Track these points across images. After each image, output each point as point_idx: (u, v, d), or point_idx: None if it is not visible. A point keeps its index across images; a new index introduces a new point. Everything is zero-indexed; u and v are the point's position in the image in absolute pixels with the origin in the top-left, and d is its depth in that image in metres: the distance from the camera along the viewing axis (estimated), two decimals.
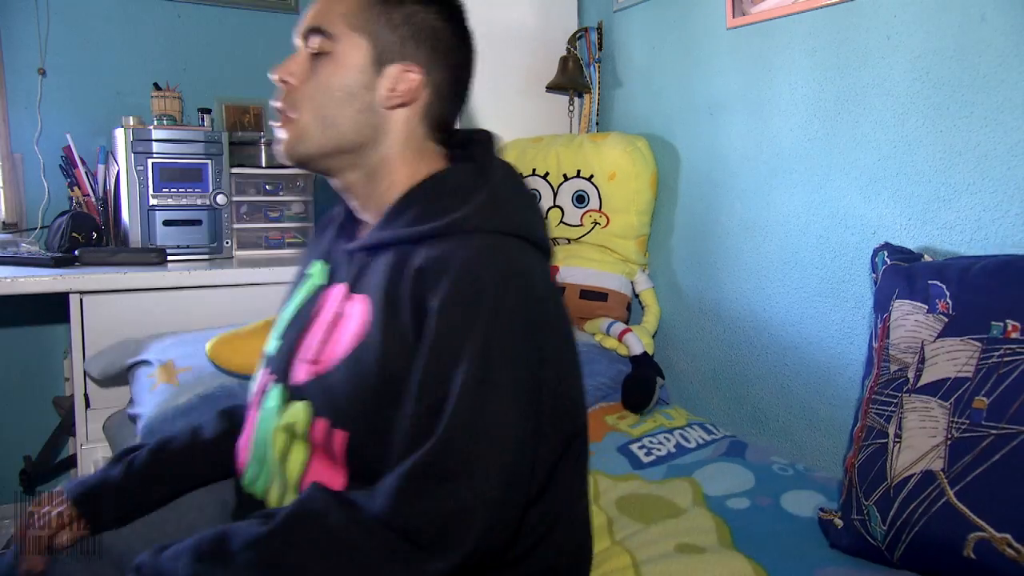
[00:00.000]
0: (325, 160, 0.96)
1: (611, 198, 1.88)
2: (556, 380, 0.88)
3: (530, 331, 0.84)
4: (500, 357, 0.81)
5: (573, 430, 0.94)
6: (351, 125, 0.93)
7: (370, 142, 0.94)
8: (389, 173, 0.96)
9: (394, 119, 0.94)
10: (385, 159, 0.95)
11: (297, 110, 0.93)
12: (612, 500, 1.35)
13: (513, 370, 0.82)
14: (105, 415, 1.82)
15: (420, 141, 0.97)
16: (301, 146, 0.95)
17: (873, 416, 1.12)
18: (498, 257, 0.86)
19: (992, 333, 1.01)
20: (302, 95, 0.93)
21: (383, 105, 0.93)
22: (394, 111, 0.94)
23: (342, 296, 0.97)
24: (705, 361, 1.82)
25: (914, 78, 1.30)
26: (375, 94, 0.93)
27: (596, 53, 2.09)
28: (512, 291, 0.83)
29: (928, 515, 0.99)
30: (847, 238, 1.43)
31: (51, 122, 2.23)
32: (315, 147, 0.94)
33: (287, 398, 0.95)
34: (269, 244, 2.25)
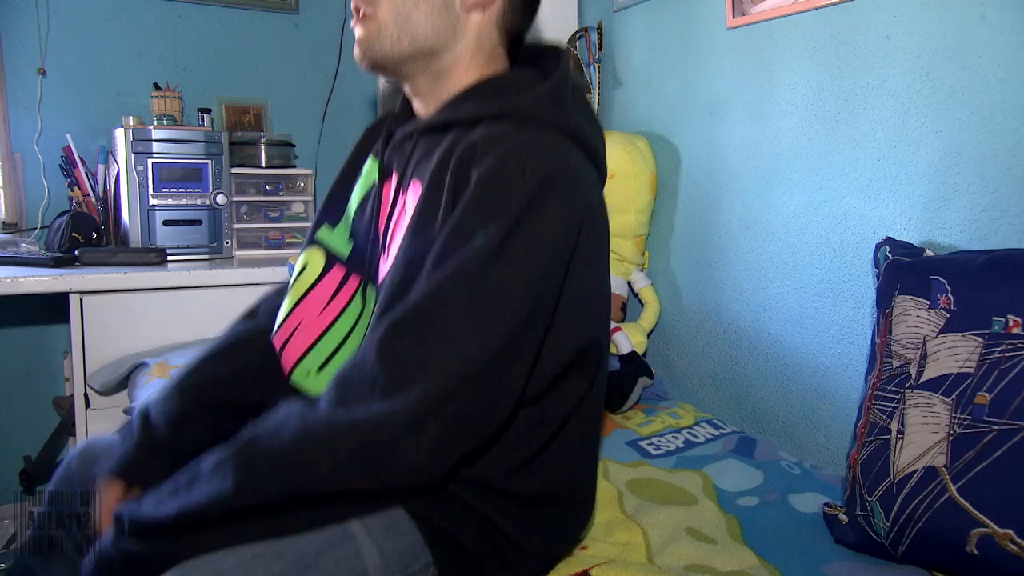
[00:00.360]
0: (400, 65, 0.96)
1: (610, 198, 1.87)
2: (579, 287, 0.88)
3: (564, 229, 0.83)
4: (524, 240, 0.80)
5: (586, 344, 0.93)
6: (428, 24, 0.93)
7: (445, 44, 0.95)
8: (458, 75, 0.97)
9: (470, 22, 0.95)
10: (457, 61, 0.96)
11: (374, 4, 0.93)
12: (622, 481, 1.36)
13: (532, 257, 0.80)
14: (105, 415, 1.82)
15: (492, 47, 0.97)
16: (378, 45, 0.95)
17: (876, 412, 1.13)
18: (545, 146, 0.85)
19: (994, 328, 1.01)
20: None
21: (461, 6, 0.94)
22: (471, 14, 0.94)
23: (395, 186, 0.98)
24: (705, 361, 1.82)
25: (914, 78, 1.30)
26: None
27: (596, 53, 2.09)
28: (557, 183, 0.83)
29: (931, 511, 1.00)
30: (847, 238, 1.44)
31: (51, 122, 2.23)
32: (392, 48, 0.94)
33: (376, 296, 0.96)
34: (269, 244, 2.26)
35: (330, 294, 1.02)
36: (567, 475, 0.97)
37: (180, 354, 1.68)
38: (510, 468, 0.91)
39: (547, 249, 0.82)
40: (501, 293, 0.79)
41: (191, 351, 1.68)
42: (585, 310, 0.93)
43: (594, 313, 0.95)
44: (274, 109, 2.52)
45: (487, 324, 0.78)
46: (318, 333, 1.00)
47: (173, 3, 2.37)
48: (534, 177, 0.81)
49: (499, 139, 0.85)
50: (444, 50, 0.95)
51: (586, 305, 0.92)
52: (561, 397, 0.93)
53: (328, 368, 0.98)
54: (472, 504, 0.90)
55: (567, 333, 0.90)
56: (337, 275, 1.04)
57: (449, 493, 0.90)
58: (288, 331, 1.02)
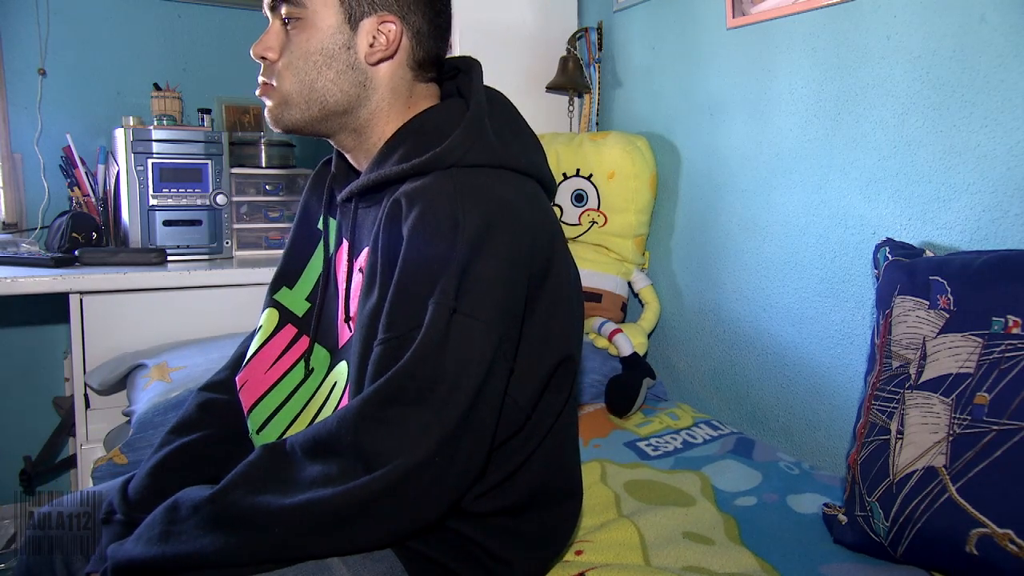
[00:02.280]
0: (314, 125, 0.95)
1: (610, 197, 1.89)
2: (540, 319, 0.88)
3: (507, 262, 0.82)
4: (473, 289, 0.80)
5: (557, 361, 0.92)
6: (335, 87, 0.92)
7: (358, 101, 0.94)
8: (380, 125, 0.96)
9: (379, 74, 0.93)
10: (374, 113, 0.95)
11: (279, 79, 0.93)
12: (620, 483, 1.36)
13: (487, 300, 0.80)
14: (105, 415, 1.82)
15: (408, 87, 0.96)
16: (287, 114, 0.94)
17: (875, 412, 1.13)
18: (473, 188, 0.84)
19: (993, 329, 1.01)
20: (282, 65, 0.92)
21: (366, 62, 0.92)
22: (378, 66, 0.93)
23: (347, 253, 0.98)
24: (705, 361, 1.82)
25: (914, 78, 1.30)
26: (355, 52, 0.92)
27: (596, 53, 2.09)
28: (488, 221, 0.82)
29: (930, 511, 1.00)
30: (847, 238, 1.44)
31: (51, 122, 2.23)
32: (301, 114, 0.94)
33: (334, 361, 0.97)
34: (269, 244, 2.25)
35: (277, 354, 1.03)
36: (546, 483, 0.96)
37: (179, 355, 1.68)
38: (482, 492, 0.90)
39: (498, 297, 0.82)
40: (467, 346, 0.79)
41: (190, 351, 1.69)
42: (558, 330, 0.91)
43: (563, 332, 0.93)
44: None
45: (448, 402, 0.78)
46: (262, 391, 1.01)
47: (173, 3, 2.37)
48: (468, 227, 0.80)
49: (421, 192, 0.84)
50: (358, 106, 0.94)
51: (551, 332, 0.91)
52: (538, 419, 0.93)
53: (268, 429, 0.99)
54: (448, 524, 0.89)
55: (537, 364, 0.90)
56: (288, 335, 1.05)
57: None
58: (241, 383, 1.04)
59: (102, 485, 1.10)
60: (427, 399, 0.77)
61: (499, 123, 0.94)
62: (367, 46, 0.92)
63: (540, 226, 0.89)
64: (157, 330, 1.87)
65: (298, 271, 1.09)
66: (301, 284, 1.08)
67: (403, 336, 0.81)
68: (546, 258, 0.89)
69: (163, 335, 1.87)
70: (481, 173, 0.87)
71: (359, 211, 0.97)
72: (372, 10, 0.91)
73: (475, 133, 0.90)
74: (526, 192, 0.90)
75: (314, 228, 1.10)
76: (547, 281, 0.89)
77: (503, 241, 0.82)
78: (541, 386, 0.91)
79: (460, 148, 0.88)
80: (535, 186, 0.94)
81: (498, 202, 0.84)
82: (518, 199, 0.87)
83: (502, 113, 0.97)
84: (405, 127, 0.95)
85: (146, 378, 1.62)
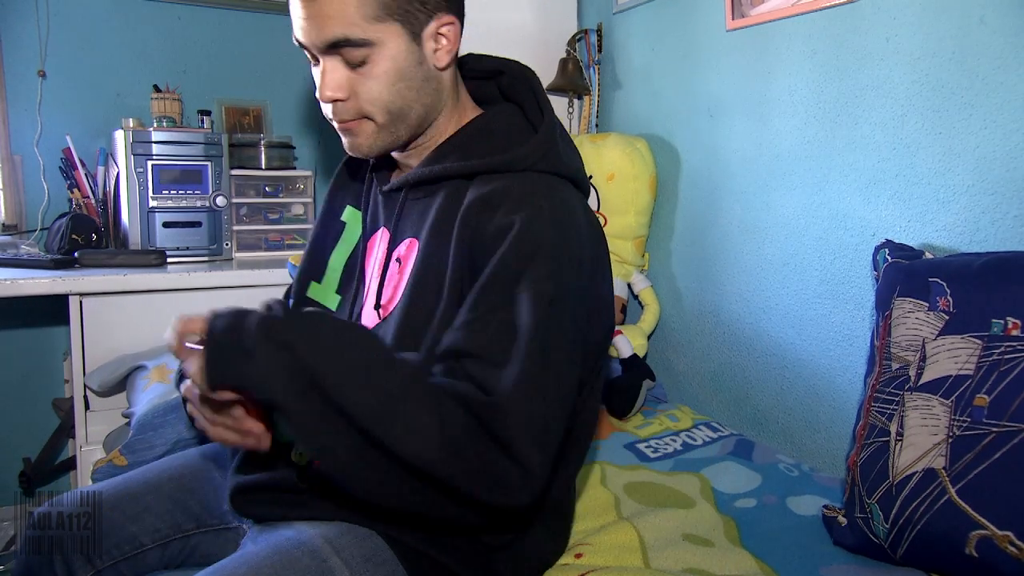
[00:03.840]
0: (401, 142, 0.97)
1: (610, 199, 1.89)
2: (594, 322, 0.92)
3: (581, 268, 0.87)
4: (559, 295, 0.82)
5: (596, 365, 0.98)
6: (419, 104, 0.94)
7: (434, 107, 0.96)
8: (442, 123, 0.98)
9: (446, 75, 0.96)
10: (442, 112, 0.97)
11: (370, 114, 0.92)
12: (620, 485, 1.36)
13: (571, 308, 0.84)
14: (104, 417, 1.82)
15: (458, 80, 0.99)
16: (378, 143, 0.95)
17: (875, 414, 1.13)
18: (553, 195, 0.89)
19: (992, 331, 1.01)
20: (363, 101, 0.91)
21: (437, 67, 0.94)
22: (445, 71, 0.95)
23: (388, 243, 0.99)
24: (705, 363, 1.82)
25: (913, 80, 1.30)
26: (427, 63, 0.93)
27: (596, 55, 2.10)
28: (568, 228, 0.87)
29: (930, 513, 1.00)
30: (847, 239, 1.44)
31: (51, 124, 2.23)
32: (392, 138, 0.95)
33: None
34: (269, 246, 2.25)
35: None
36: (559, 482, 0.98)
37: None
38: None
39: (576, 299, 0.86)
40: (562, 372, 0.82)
41: None
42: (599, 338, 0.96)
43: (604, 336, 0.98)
44: (274, 111, 2.51)
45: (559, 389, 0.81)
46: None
47: (173, 5, 2.37)
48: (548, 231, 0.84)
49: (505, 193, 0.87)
50: (433, 111, 0.96)
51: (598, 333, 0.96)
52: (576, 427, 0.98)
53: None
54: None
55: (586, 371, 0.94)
56: None
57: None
58: None
59: (101, 484, 1.10)
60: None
61: (561, 136, 0.98)
62: (433, 52, 0.93)
63: (597, 235, 0.96)
64: (157, 332, 1.86)
65: (323, 265, 1.10)
66: (328, 278, 1.09)
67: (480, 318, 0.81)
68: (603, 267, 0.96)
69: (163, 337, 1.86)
70: (551, 180, 0.92)
71: (408, 202, 0.98)
72: (429, 17, 0.91)
73: (549, 142, 0.94)
74: (582, 203, 0.96)
75: (338, 221, 1.11)
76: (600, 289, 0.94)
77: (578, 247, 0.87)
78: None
79: (535, 154, 0.92)
80: (584, 199, 0.99)
81: (570, 210, 0.90)
82: (579, 209, 0.93)
83: (560, 127, 1.00)
84: (469, 126, 0.98)
85: (146, 380, 1.62)
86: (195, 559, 1.07)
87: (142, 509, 1.05)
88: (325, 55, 0.90)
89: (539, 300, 0.80)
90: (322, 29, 0.87)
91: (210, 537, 1.08)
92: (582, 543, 1.15)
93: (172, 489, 1.08)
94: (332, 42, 0.87)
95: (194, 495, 1.08)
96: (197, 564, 1.05)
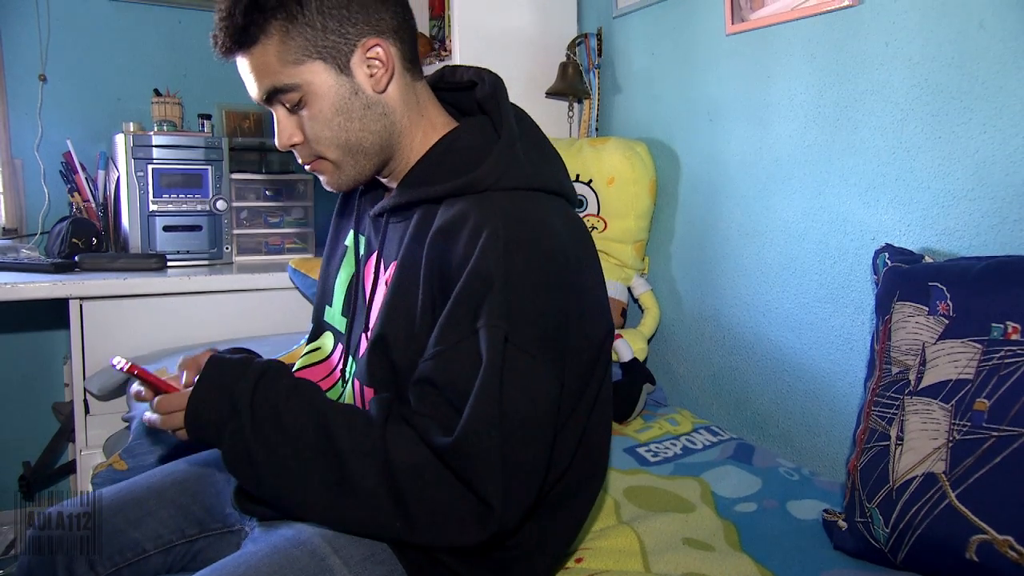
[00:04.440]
0: (370, 171, 0.98)
1: (610, 203, 1.89)
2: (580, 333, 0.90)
3: (546, 288, 0.86)
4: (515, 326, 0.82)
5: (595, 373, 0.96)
6: (367, 132, 0.94)
7: (388, 131, 0.96)
8: (407, 141, 0.98)
9: (391, 95, 0.95)
10: (402, 132, 0.97)
11: (321, 154, 0.95)
12: (620, 489, 1.36)
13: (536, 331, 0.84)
14: (104, 421, 1.82)
15: (412, 90, 0.97)
16: (344, 178, 0.97)
17: (875, 418, 1.13)
18: (513, 216, 0.87)
19: (992, 335, 1.01)
20: (314, 142, 0.94)
21: (376, 92, 0.93)
22: (385, 92, 0.94)
23: (375, 264, 1.01)
24: (705, 367, 1.82)
25: (913, 84, 1.30)
26: (363, 91, 0.93)
27: (596, 59, 2.10)
28: (525, 249, 0.85)
29: (930, 517, 1.00)
30: (846, 244, 1.44)
31: (52, 128, 2.23)
32: (355, 171, 0.97)
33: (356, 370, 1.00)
34: (269, 249, 2.26)
35: (328, 371, 1.09)
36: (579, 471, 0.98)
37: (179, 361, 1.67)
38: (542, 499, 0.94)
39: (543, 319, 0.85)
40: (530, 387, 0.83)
41: None
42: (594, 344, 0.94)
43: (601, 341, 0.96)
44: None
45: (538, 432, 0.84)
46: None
47: (173, 9, 2.37)
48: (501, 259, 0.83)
49: (463, 220, 0.87)
50: (389, 134, 0.96)
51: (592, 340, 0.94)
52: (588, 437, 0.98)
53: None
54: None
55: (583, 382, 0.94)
56: (339, 351, 1.09)
57: None
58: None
59: (102, 489, 1.10)
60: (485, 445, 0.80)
61: (528, 144, 0.96)
62: (368, 78, 0.93)
63: (576, 243, 0.93)
64: (157, 336, 1.87)
65: (332, 288, 1.13)
66: (335, 300, 1.12)
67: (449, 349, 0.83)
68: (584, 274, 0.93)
69: (163, 341, 1.87)
70: (515, 196, 0.90)
71: (389, 226, 1.00)
72: (352, 46, 0.91)
73: (509, 158, 0.92)
74: (557, 210, 0.94)
75: (342, 244, 1.14)
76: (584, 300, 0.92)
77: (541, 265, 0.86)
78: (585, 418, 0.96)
79: (495, 172, 0.91)
80: (563, 202, 0.97)
81: (535, 225, 0.88)
82: (549, 220, 0.90)
83: (529, 134, 0.99)
84: (436, 146, 0.97)
85: None
86: (198, 564, 1.07)
87: (144, 514, 1.05)
88: (269, 106, 0.95)
89: (494, 336, 0.80)
90: (256, 83, 0.92)
91: (213, 541, 1.08)
92: (582, 547, 1.15)
93: (175, 494, 1.08)
94: (266, 93, 0.92)
95: (196, 499, 1.08)
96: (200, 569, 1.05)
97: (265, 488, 0.86)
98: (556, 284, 0.87)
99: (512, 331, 0.81)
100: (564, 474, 0.95)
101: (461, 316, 0.83)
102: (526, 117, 1.01)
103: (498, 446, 0.79)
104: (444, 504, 0.81)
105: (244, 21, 0.87)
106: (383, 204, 1.00)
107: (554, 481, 0.94)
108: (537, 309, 0.84)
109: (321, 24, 0.88)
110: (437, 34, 2.38)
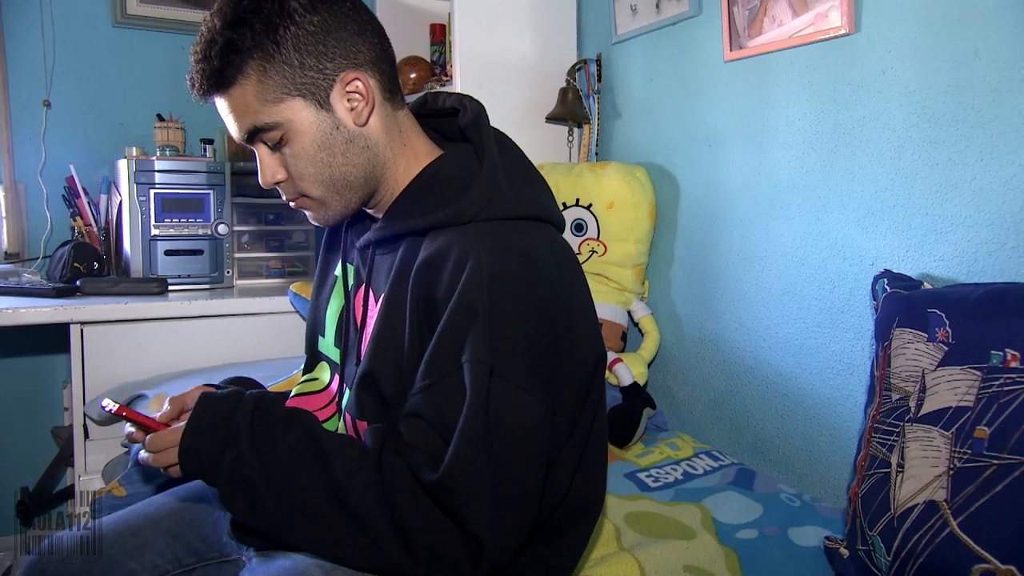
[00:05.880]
0: (355, 205, 0.98)
1: (609, 227, 1.90)
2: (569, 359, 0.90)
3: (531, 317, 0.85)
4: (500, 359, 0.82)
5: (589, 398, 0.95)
6: (350, 167, 0.94)
7: (371, 163, 0.95)
8: (391, 172, 0.97)
9: (372, 127, 0.94)
10: (385, 164, 0.97)
11: (305, 191, 0.95)
12: (620, 515, 1.36)
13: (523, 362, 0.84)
14: (104, 446, 1.82)
15: (394, 120, 0.97)
16: (330, 213, 0.97)
17: (876, 445, 1.13)
18: (495, 248, 0.86)
19: (992, 362, 1.01)
20: (298, 179, 0.94)
21: (357, 126, 0.93)
22: (367, 124, 0.94)
23: (364, 296, 1.01)
24: (705, 391, 1.82)
25: (910, 112, 1.32)
26: (345, 126, 0.92)
27: (595, 85, 2.11)
28: (509, 280, 0.85)
29: (932, 546, 0.99)
30: (845, 269, 1.44)
31: (55, 153, 2.25)
32: (340, 206, 0.97)
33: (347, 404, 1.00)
34: (270, 273, 2.26)
35: (326, 402, 1.08)
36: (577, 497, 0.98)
37: (179, 385, 1.67)
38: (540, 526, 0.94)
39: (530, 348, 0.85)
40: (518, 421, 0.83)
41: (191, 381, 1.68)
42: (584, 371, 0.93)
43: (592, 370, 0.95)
44: None
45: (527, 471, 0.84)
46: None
47: (176, 35, 2.39)
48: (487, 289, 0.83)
49: (445, 254, 0.87)
50: (372, 167, 0.96)
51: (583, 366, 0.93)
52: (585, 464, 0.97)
53: None
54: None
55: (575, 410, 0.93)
56: (335, 382, 1.09)
57: None
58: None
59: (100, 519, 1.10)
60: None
61: (510, 171, 0.95)
62: (348, 112, 0.92)
63: (562, 269, 0.92)
64: (157, 360, 1.87)
65: (323, 319, 1.13)
66: (327, 331, 1.11)
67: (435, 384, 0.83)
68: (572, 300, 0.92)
69: (163, 365, 1.87)
70: (499, 226, 0.90)
71: (376, 258, 1.00)
72: (331, 81, 0.90)
73: (491, 188, 0.92)
74: (543, 238, 0.93)
75: (331, 274, 1.13)
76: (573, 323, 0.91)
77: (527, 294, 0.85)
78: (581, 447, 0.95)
79: (478, 204, 0.90)
80: (548, 228, 0.96)
81: (520, 255, 0.87)
82: (537, 248, 0.90)
83: (512, 160, 0.99)
84: (420, 177, 0.97)
85: (146, 409, 1.62)
86: None
87: (141, 545, 1.05)
88: (250, 144, 0.94)
89: (479, 371, 0.80)
90: (236, 123, 0.91)
91: (210, 571, 1.07)
92: (583, 574, 1.14)
93: (172, 523, 1.08)
94: (247, 133, 0.92)
95: (193, 528, 1.08)
96: None
97: (263, 516, 0.85)
98: (541, 313, 0.86)
99: (497, 363, 0.81)
100: (562, 501, 0.95)
101: (447, 350, 0.83)
102: (508, 142, 1.01)
103: (484, 480, 0.79)
104: (438, 539, 0.81)
105: (221, 63, 0.87)
106: (368, 237, 1.00)
107: (552, 509, 0.94)
108: (522, 339, 0.84)
109: (299, 61, 0.88)
110: (438, 59, 2.40)
